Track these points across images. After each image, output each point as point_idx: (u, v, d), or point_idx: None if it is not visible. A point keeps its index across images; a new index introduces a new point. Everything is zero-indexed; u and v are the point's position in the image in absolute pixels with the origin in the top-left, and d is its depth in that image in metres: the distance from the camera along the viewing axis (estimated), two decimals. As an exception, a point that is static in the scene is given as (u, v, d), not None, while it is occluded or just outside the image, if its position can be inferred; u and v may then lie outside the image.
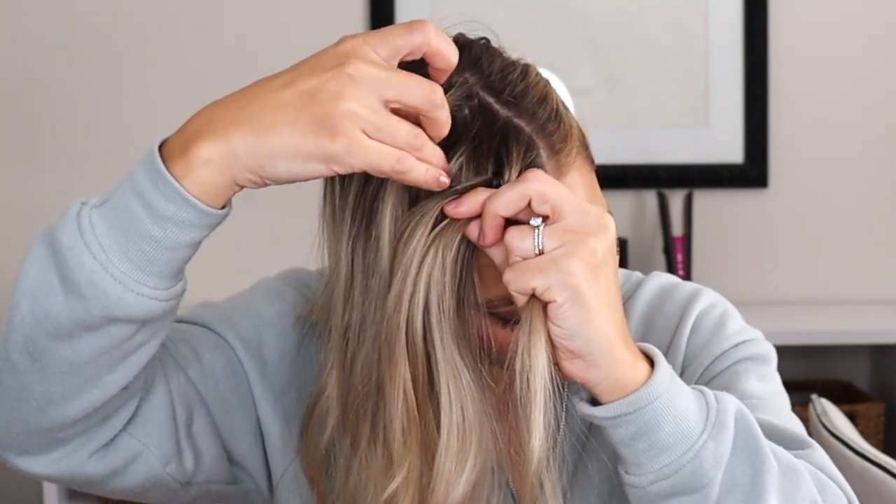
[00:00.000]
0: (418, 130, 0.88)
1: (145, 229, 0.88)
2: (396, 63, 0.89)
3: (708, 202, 2.73)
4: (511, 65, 0.99)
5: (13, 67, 2.66)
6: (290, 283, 1.14)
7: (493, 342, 0.96)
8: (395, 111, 0.88)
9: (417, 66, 0.91)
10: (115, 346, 0.91)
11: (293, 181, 0.88)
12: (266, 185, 0.89)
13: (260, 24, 2.68)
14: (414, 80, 0.88)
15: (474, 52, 0.98)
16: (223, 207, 0.90)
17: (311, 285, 1.14)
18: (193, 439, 1.05)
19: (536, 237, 0.89)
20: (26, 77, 2.66)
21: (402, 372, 0.93)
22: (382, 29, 0.90)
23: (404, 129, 0.87)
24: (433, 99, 0.88)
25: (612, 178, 2.64)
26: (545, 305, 0.89)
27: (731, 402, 0.93)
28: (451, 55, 0.90)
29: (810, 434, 1.06)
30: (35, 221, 2.79)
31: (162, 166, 0.88)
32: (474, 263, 0.93)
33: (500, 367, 0.97)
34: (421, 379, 0.93)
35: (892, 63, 2.74)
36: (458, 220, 0.91)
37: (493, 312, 0.96)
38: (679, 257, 2.63)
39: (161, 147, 0.90)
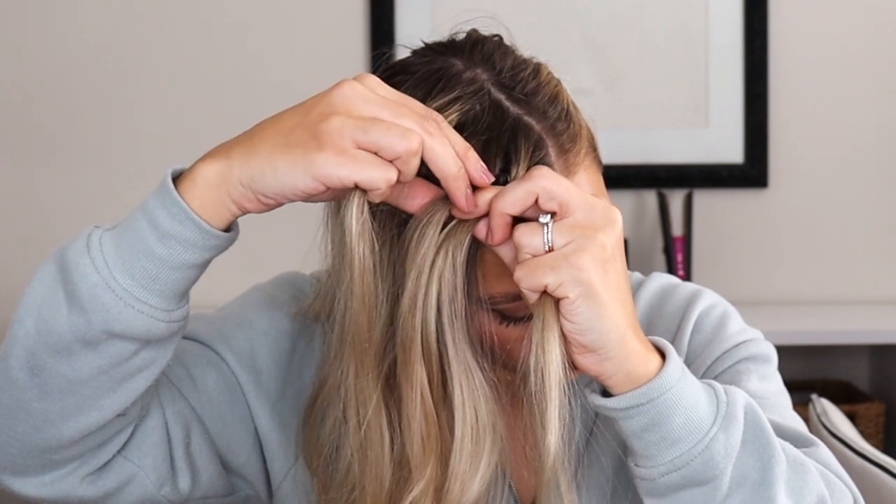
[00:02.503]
0: (414, 135, 0.87)
1: (149, 247, 0.88)
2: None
3: (708, 202, 2.73)
4: (523, 62, 0.99)
5: (18, 70, 2.66)
6: (283, 288, 1.14)
7: (494, 339, 0.96)
8: None
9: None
10: (113, 365, 0.91)
11: (284, 196, 0.88)
12: (260, 201, 0.89)
13: (260, 23, 2.68)
14: (405, 105, 0.88)
15: (487, 48, 0.98)
16: (228, 231, 0.91)
17: (304, 290, 1.13)
18: (192, 457, 1.05)
19: (546, 234, 0.89)
20: (27, 78, 2.66)
21: (419, 373, 0.93)
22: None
23: (395, 128, 0.86)
24: (423, 118, 0.88)
25: (612, 178, 2.62)
26: (557, 301, 0.89)
27: (740, 396, 0.94)
28: (445, 159, 0.89)
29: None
30: (36, 222, 2.79)
31: (171, 185, 0.89)
32: (478, 260, 0.94)
33: (502, 367, 0.97)
34: (435, 380, 0.93)
35: (892, 63, 2.74)
36: (467, 219, 0.91)
37: (494, 308, 0.96)
38: (679, 257, 2.63)
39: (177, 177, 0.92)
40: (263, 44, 2.68)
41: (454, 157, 0.89)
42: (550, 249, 0.88)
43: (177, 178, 0.90)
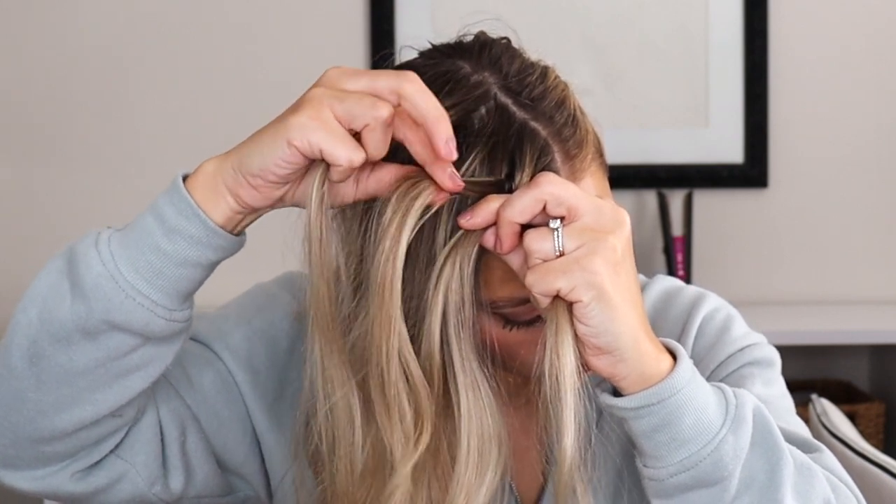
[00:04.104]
0: (385, 106, 0.87)
1: (155, 242, 0.90)
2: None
3: (708, 202, 2.73)
4: (530, 66, 0.98)
5: (18, 70, 2.66)
6: (285, 287, 1.14)
7: (495, 343, 0.96)
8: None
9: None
10: (110, 359, 0.92)
11: (267, 169, 0.88)
12: (249, 183, 0.90)
13: (260, 23, 2.68)
14: (382, 74, 0.89)
15: (494, 51, 0.98)
16: (236, 234, 0.92)
17: (307, 289, 1.13)
18: (187, 456, 1.05)
19: (557, 239, 0.89)
20: (27, 78, 2.66)
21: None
22: None
23: (366, 97, 0.87)
24: (398, 86, 0.88)
25: (613, 178, 2.63)
26: (569, 305, 0.89)
27: (748, 399, 0.94)
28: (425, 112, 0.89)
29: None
30: (36, 222, 2.78)
31: (180, 183, 0.91)
32: (482, 266, 0.93)
33: (503, 369, 0.97)
34: (436, 390, 0.93)
35: (892, 63, 2.74)
36: (474, 230, 0.91)
37: (497, 312, 0.96)
38: (679, 257, 2.63)
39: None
40: (263, 44, 2.68)
41: (437, 104, 0.89)
42: (561, 254, 0.88)
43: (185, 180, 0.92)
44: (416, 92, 0.88)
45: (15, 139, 2.66)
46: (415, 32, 2.60)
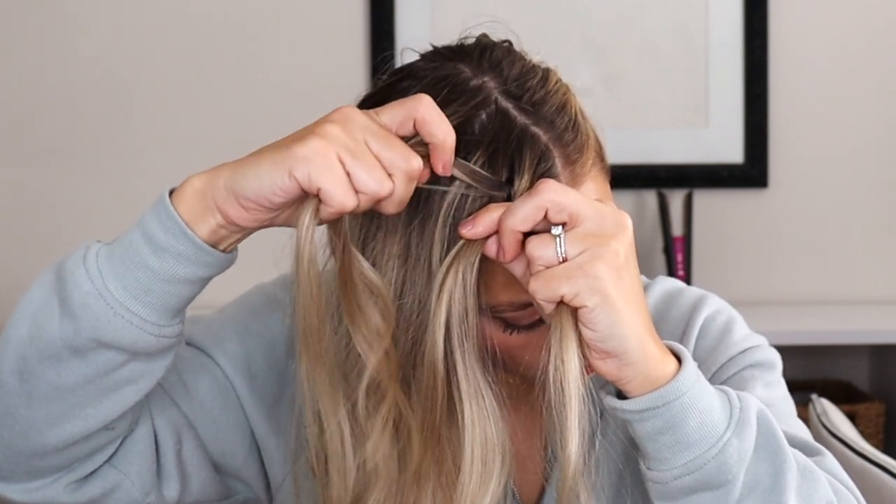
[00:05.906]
0: (388, 183, 0.87)
1: (143, 259, 0.89)
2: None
3: (708, 202, 2.73)
4: (531, 70, 0.98)
5: (18, 70, 2.66)
6: (286, 288, 1.13)
7: (497, 348, 0.96)
8: None
9: None
10: (99, 375, 0.92)
11: (262, 194, 0.87)
12: (241, 205, 0.88)
13: (260, 23, 2.68)
14: (398, 143, 0.88)
15: (496, 55, 0.98)
16: (224, 251, 0.91)
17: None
18: (182, 464, 1.04)
19: (559, 245, 0.88)
20: (28, 78, 2.66)
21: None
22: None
23: (377, 169, 0.86)
24: (407, 169, 0.88)
25: (612, 178, 2.63)
26: (573, 311, 0.89)
27: (752, 402, 0.94)
28: (437, 129, 0.89)
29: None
30: (36, 223, 2.78)
31: (167, 200, 0.89)
32: (482, 271, 0.93)
33: (503, 370, 0.97)
34: (440, 400, 0.93)
35: (892, 63, 2.74)
36: (476, 239, 0.91)
37: (497, 317, 0.96)
38: (679, 257, 2.64)
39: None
40: (263, 44, 2.68)
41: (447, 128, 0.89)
42: (564, 260, 0.88)
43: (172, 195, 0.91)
44: (429, 121, 0.89)
45: (15, 140, 2.66)
46: (415, 33, 2.60)
